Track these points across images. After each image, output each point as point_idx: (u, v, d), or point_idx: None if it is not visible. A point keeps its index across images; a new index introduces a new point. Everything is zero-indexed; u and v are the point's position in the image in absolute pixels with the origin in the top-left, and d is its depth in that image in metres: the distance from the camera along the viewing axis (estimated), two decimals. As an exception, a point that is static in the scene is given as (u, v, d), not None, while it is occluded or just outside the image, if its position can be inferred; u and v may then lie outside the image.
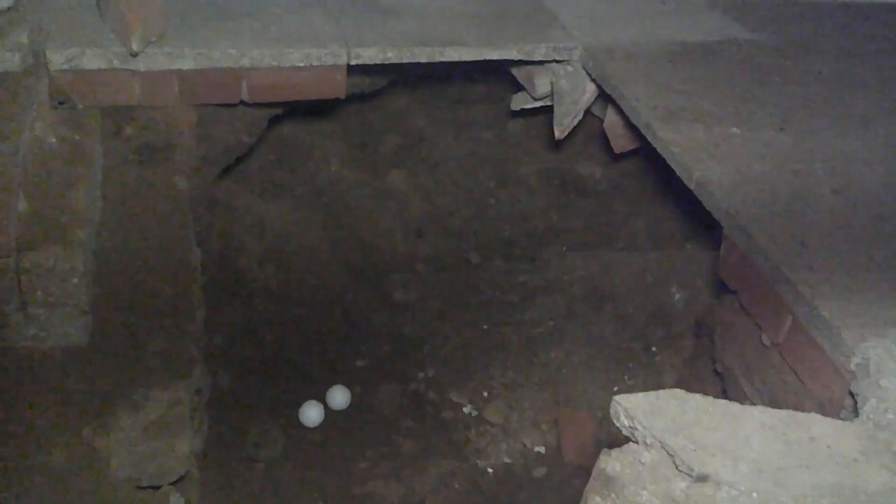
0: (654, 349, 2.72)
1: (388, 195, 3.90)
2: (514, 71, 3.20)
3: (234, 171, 3.48)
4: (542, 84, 3.10)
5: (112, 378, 2.06)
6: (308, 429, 2.72)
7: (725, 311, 2.25)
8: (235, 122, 3.00)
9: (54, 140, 2.37)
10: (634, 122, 2.60)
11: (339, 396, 2.82)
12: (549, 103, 3.16)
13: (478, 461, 2.62)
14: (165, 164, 2.70)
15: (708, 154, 2.31)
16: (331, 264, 3.47)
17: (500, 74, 3.36)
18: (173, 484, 2.10)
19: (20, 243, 1.98)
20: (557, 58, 2.94)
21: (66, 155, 2.36)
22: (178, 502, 2.08)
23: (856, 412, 1.75)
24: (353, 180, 3.87)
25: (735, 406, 1.61)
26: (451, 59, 2.85)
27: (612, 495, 1.47)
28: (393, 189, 3.94)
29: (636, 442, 1.53)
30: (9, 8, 2.39)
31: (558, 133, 3.17)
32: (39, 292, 1.99)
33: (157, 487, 2.09)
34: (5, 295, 1.96)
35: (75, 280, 2.01)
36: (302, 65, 2.68)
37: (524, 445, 2.65)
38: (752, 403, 1.94)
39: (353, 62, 2.73)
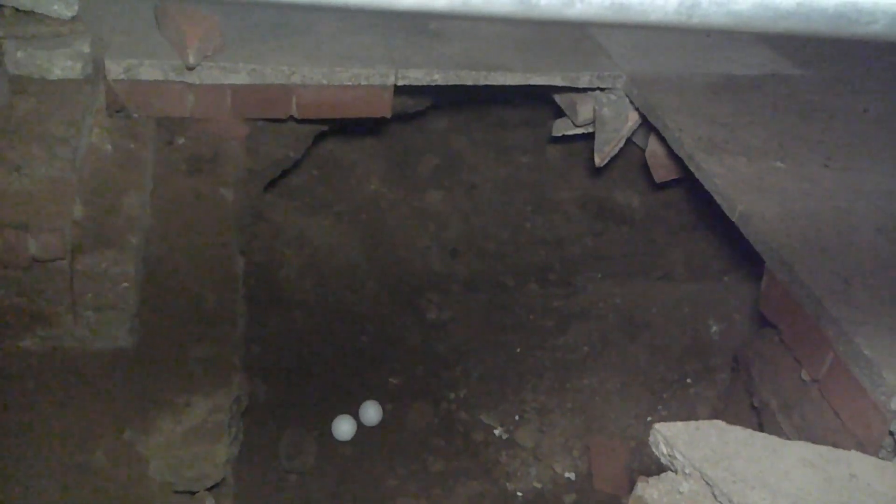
0: (689, 381, 2.71)
1: (426, 215, 3.94)
2: (557, 97, 3.24)
3: (278, 186, 3.54)
4: (584, 111, 3.13)
5: (155, 382, 2.11)
6: (340, 442, 2.74)
7: (765, 346, 2.24)
8: (283, 137, 3.07)
9: (110, 147, 2.44)
10: (677, 152, 2.61)
11: (372, 412, 2.83)
12: (590, 130, 3.18)
13: (507, 484, 2.62)
14: (214, 175, 2.76)
15: (751, 187, 2.31)
16: (368, 281, 3.50)
17: (540, 100, 3.39)
18: (209, 490, 2.13)
19: (74, 246, 2.04)
20: (601, 86, 2.97)
21: (120, 162, 2.43)
22: (213, 508, 2.11)
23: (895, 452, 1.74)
24: (392, 199, 3.91)
25: (775, 440, 1.60)
26: (496, 83, 2.89)
27: (649, 524, 1.47)
28: (431, 209, 3.98)
29: (674, 471, 1.54)
30: (72, 18, 2.47)
31: (598, 160, 3.19)
32: (90, 295, 2.04)
33: (194, 492, 2.12)
34: (57, 296, 2.01)
35: (126, 284, 2.07)
36: (350, 84, 2.73)
37: (554, 471, 2.64)
38: (790, 439, 1.93)
39: (399, 83, 2.78)
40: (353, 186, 3.86)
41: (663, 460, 1.55)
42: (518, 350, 3.08)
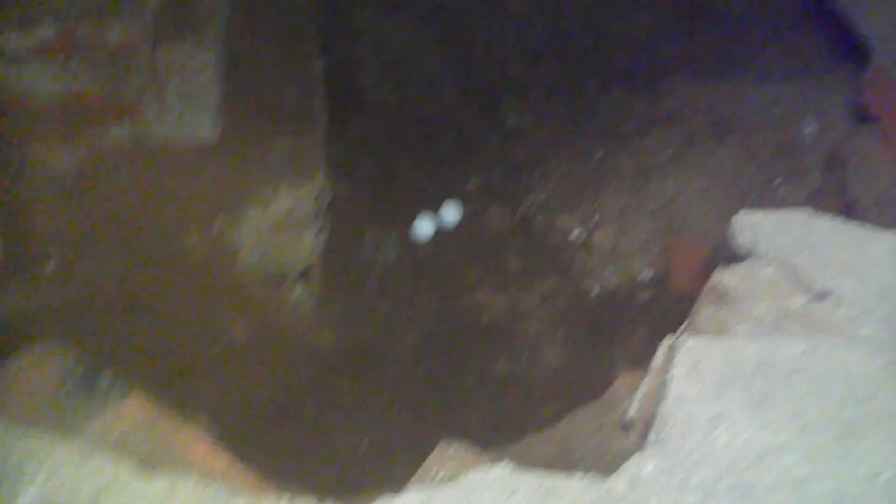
0: (777, 182, 2.62)
1: (507, 16, 3.77)
2: None
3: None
4: None
5: (242, 174, 2.16)
6: (421, 241, 2.81)
7: (862, 142, 2.13)
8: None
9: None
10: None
11: (452, 213, 2.87)
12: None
13: (583, 282, 2.66)
14: (288, -30, 2.68)
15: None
16: (447, 85, 3.43)
17: None
18: (297, 278, 2.23)
19: (157, 35, 2.04)
20: None
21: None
22: (302, 294, 2.22)
23: None
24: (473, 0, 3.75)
25: (864, 230, 1.55)
26: None
27: (726, 307, 1.47)
28: (512, 10, 3.80)
29: (757, 258, 1.51)
30: None
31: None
32: (175, 84, 2.06)
33: (283, 280, 2.23)
34: (142, 85, 2.04)
35: (209, 73, 2.07)
36: None
37: (631, 270, 2.66)
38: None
39: None
40: (430, -14, 3.71)
41: (746, 248, 1.53)
42: (599, 154, 3.02)
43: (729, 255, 1.57)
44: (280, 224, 2.10)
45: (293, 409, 2.04)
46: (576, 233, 2.83)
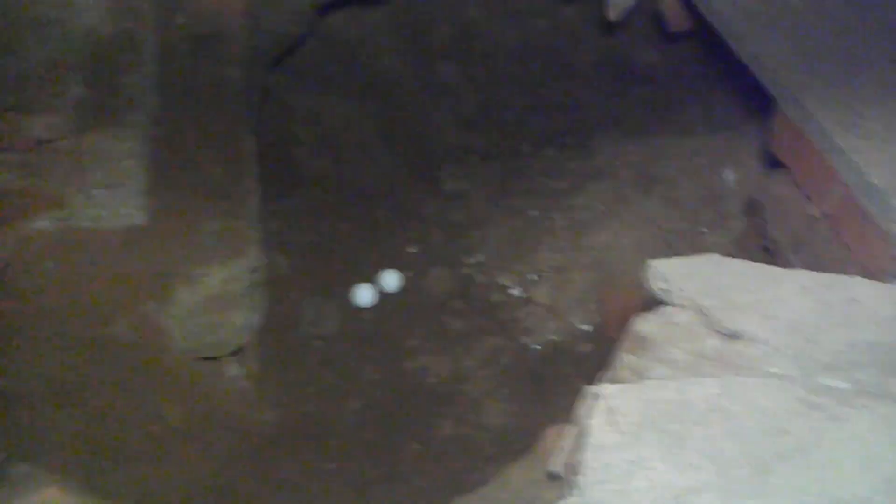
0: (703, 230, 2.70)
1: (440, 87, 3.88)
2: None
3: (287, 65, 3.49)
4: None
5: (170, 256, 2.16)
6: (361, 309, 2.82)
7: (776, 187, 2.21)
8: (283, 12, 3.00)
9: (108, 28, 2.41)
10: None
11: (392, 279, 2.89)
12: (604, -16, 3.05)
13: (525, 339, 2.69)
14: (217, 54, 2.73)
15: (762, 25, 2.22)
16: (383, 156, 3.50)
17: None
18: (232, 355, 2.22)
19: (78, 126, 2.06)
20: (610, -68, 2.83)
21: (120, 43, 2.40)
22: (238, 372, 2.20)
23: (903, 278, 1.72)
24: (405, 73, 3.85)
25: (773, 269, 1.60)
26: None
27: (645, 353, 1.49)
28: (445, 81, 3.91)
29: (670, 304, 1.55)
30: None
31: (613, 15, 3.07)
32: (98, 173, 2.07)
33: (217, 359, 2.21)
34: (66, 176, 2.05)
35: (130, 161, 2.09)
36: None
37: (571, 324, 2.69)
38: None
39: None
40: (364, 62, 3.80)
41: (659, 295, 1.56)
42: (534, 213, 3.08)
43: (654, 303, 1.60)
44: (211, 303, 2.10)
45: (230, 488, 2.00)
46: (515, 291, 2.86)
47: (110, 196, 2.11)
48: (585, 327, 2.67)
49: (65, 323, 2.01)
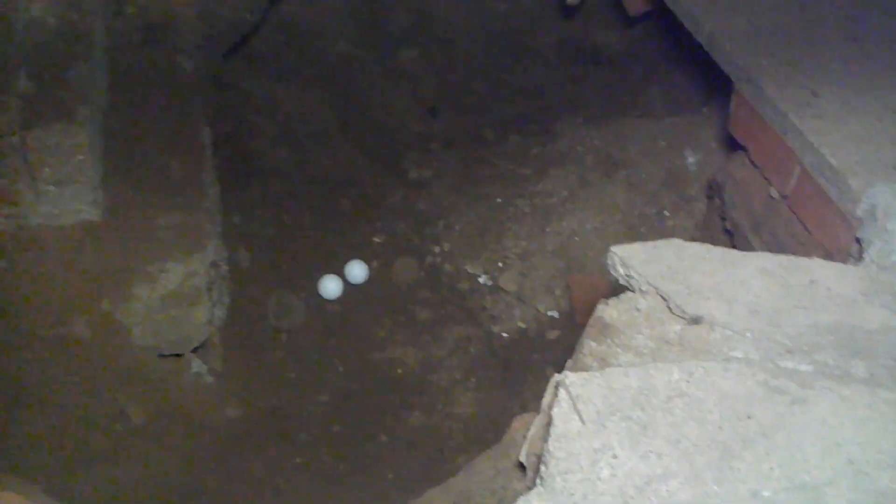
0: (666, 213, 2.71)
1: (400, 74, 3.84)
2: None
3: (242, 53, 3.43)
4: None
5: (128, 252, 2.11)
6: (328, 301, 2.79)
7: (736, 168, 2.22)
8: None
9: (53, 20, 2.34)
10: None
11: (357, 270, 2.87)
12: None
13: (493, 327, 2.68)
14: (169, 44, 2.67)
15: (720, 6, 2.22)
16: (344, 145, 3.45)
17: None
18: (195, 352, 2.18)
19: (24, 121, 1.99)
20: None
21: (65, 35, 2.34)
22: (201, 369, 2.17)
23: (861, 258, 1.74)
24: (364, 60, 3.80)
25: (734, 253, 1.60)
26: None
27: (608, 340, 1.49)
28: (405, 68, 3.87)
29: (632, 290, 1.55)
30: None
31: (570, -1, 3.07)
32: (48, 169, 2.01)
33: (180, 356, 2.17)
34: (14, 173, 1.99)
35: (81, 157, 2.04)
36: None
37: (538, 311, 2.69)
38: (758, 256, 1.93)
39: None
40: (321, 49, 3.74)
41: (621, 281, 1.56)
42: (498, 200, 3.07)
43: (619, 289, 1.60)
44: (171, 299, 2.06)
45: (196, 485, 1.97)
46: (482, 279, 2.85)
47: (62, 192, 2.06)
48: (552, 314, 2.67)
49: (21, 323, 1.96)
